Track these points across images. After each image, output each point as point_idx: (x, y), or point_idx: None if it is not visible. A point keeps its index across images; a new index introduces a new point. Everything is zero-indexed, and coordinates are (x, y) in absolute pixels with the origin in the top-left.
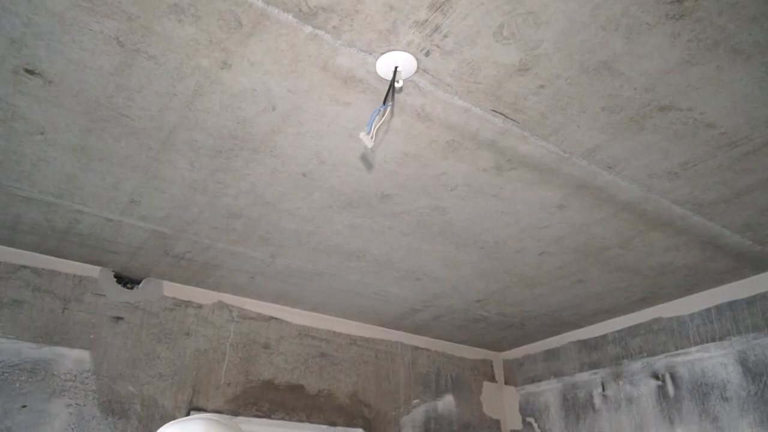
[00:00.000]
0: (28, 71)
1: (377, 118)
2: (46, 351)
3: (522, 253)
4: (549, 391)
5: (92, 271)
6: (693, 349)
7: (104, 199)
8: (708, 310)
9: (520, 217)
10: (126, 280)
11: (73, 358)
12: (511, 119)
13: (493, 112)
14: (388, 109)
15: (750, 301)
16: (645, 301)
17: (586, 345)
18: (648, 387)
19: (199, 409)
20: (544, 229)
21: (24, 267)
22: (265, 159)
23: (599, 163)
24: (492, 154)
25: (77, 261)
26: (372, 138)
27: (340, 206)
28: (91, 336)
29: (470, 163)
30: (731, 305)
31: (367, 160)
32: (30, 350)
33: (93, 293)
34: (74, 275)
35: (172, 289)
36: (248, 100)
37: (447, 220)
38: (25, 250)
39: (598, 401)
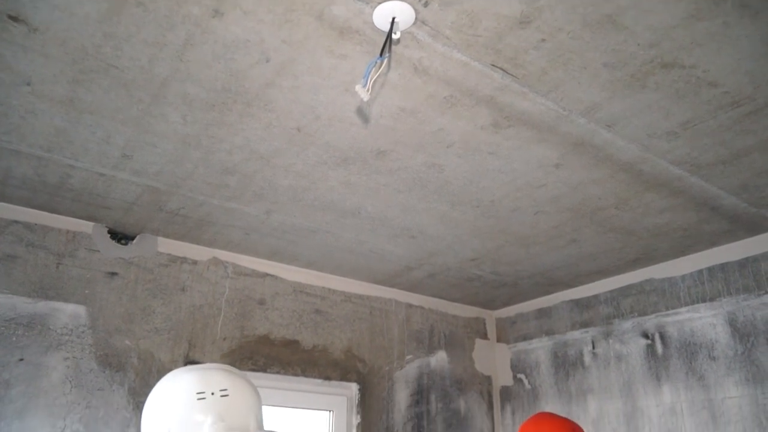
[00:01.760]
0: (11, 18)
1: (373, 70)
2: (42, 306)
3: (517, 212)
4: (540, 348)
5: (86, 226)
6: (683, 309)
7: (95, 154)
8: (700, 271)
9: (517, 176)
10: (120, 236)
11: (68, 312)
12: (511, 74)
13: (493, 67)
14: (385, 61)
15: (742, 264)
16: (638, 262)
17: (578, 304)
18: (637, 345)
19: (195, 363)
20: (541, 188)
21: (16, 222)
22: (259, 113)
23: (598, 121)
24: (490, 111)
25: (70, 216)
26: (368, 91)
27: (335, 162)
28: (86, 291)
29: (468, 120)
30: (723, 267)
31: (363, 115)
32: (25, 305)
33: (87, 249)
34: (67, 231)
35: (167, 245)
36: (241, 51)
37: (443, 178)
38: (16, 205)
39: (587, 359)
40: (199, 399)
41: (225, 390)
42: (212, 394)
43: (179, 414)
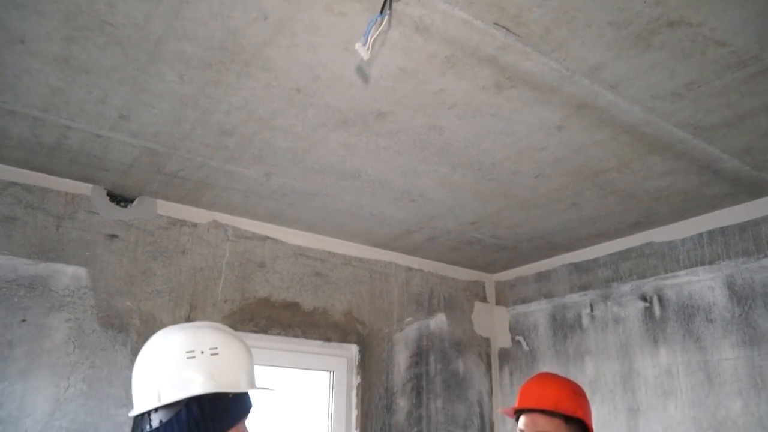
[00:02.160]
0: None
1: (373, 28)
2: (43, 267)
3: (518, 175)
4: (539, 311)
5: (84, 189)
6: (682, 272)
7: (92, 114)
8: (700, 235)
9: (518, 138)
10: (119, 199)
11: (69, 274)
12: (514, 33)
13: (495, 26)
14: (385, 19)
15: (743, 227)
16: (638, 226)
17: (577, 268)
18: (635, 308)
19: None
20: (542, 150)
21: (14, 184)
22: (258, 73)
23: (602, 82)
24: (492, 71)
25: (68, 179)
26: (368, 49)
27: (334, 124)
28: (87, 253)
29: (469, 80)
30: (723, 230)
31: (363, 74)
32: (26, 266)
33: (86, 211)
34: (66, 193)
35: (166, 208)
36: (238, 9)
37: (444, 140)
38: (14, 166)
39: (586, 321)
40: (188, 357)
41: (215, 348)
42: (202, 352)
43: (169, 373)
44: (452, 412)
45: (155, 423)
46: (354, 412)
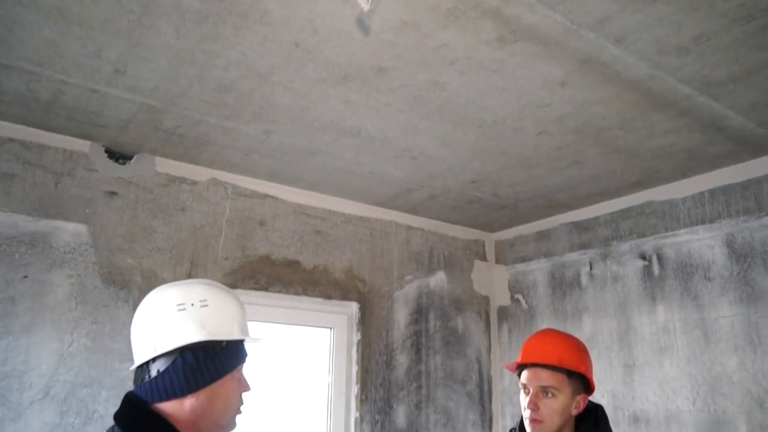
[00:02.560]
0: None
1: None
2: (43, 224)
3: (520, 132)
4: (538, 270)
5: (82, 145)
6: (682, 231)
7: (87, 69)
8: (701, 193)
9: (521, 95)
10: (117, 156)
11: (70, 231)
12: None
13: None
14: None
15: (744, 185)
16: (639, 184)
17: (577, 226)
18: (634, 267)
19: None
20: (545, 107)
21: (11, 140)
22: (255, 26)
23: (607, 36)
24: (495, 24)
25: (66, 135)
26: (368, 0)
27: (334, 80)
28: (87, 210)
29: (472, 34)
30: (725, 189)
31: (363, 27)
32: (26, 223)
33: (85, 168)
34: (64, 149)
35: (165, 165)
36: None
37: (445, 97)
38: (11, 122)
39: (584, 279)
40: (179, 310)
41: (204, 300)
42: (192, 304)
43: (162, 324)
44: (451, 368)
45: (153, 372)
46: (354, 368)
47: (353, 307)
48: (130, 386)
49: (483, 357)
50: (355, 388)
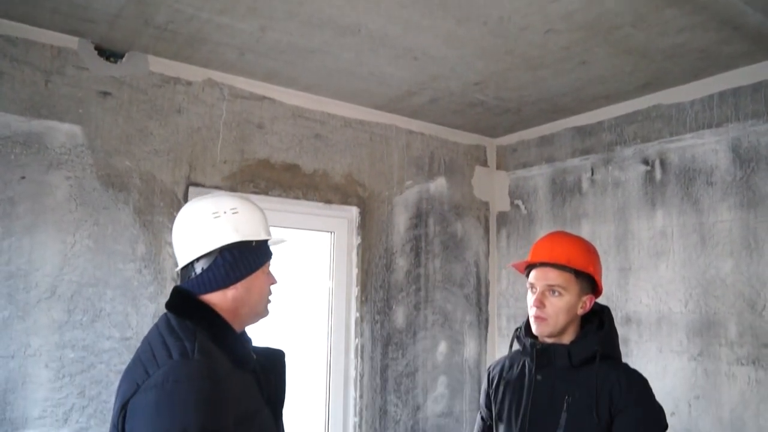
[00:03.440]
0: None
1: None
2: (36, 124)
3: (527, 30)
4: (539, 175)
5: (71, 42)
6: (687, 135)
7: None
8: (710, 96)
9: None
10: (108, 53)
11: (64, 131)
12: None
13: None
14: None
15: (756, 87)
16: (647, 87)
17: (580, 131)
18: (636, 172)
19: (197, 185)
20: (554, 2)
21: None
22: None
23: None
24: None
25: (53, 30)
26: None
27: None
28: (80, 111)
29: None
30: (735, 91)
31: None
32: (19, 123)
33: (75, 66)
34: (52, 46)
35: (159, 65)
36: None
37: None
38: None
39: (585, 185)
40: (215, 217)
41: (235, 208)
42: (224, 212)
43: (202, 230)
44: (450, 272)
45: (198, 270)
46: (354, 271)
47: (353, 211)
48: (134, 286)
49: (481, 261)
50: (355, 290)
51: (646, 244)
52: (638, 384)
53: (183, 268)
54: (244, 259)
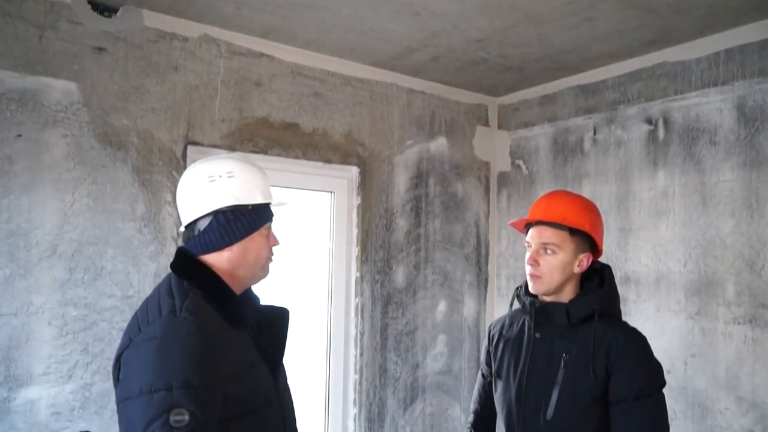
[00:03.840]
0: None
1: None
2: (31, 81)
3: None
4: (541, 135)
5: None
6: (692, 94)
7: None
8: (717, 53)
9: None
10: (102, 8)
11: (59, 88)
12: None
13: None
14: None
15: (763, 45)
16: (653, 44)
17: (584, 90)
18: (639, 131)
19: (195, 144)
20: None
21: None
22: None
23: None
24: None
25: None
26: None
27: None
28: (75, 67)
29: None
30: (742, 49)
31: None
32: (13, 79)
33: (68, 21)
34: (44, 0)
35: (154, 20)
36: None
37: None
38: None
39: (587, 145)
40: (210, 181)
41: (230, 172)
42: (220, 176)
43: (198, 194)
44: (450, 232)
45: (196, 231)
46: (354, 231)
47: (353, 171)
48: (135, 245)
49: (481, 221)
50: (355, 250)
51: (647, 204)
52: (636, 341)
53: (187, 227)
54: (239, 222)
